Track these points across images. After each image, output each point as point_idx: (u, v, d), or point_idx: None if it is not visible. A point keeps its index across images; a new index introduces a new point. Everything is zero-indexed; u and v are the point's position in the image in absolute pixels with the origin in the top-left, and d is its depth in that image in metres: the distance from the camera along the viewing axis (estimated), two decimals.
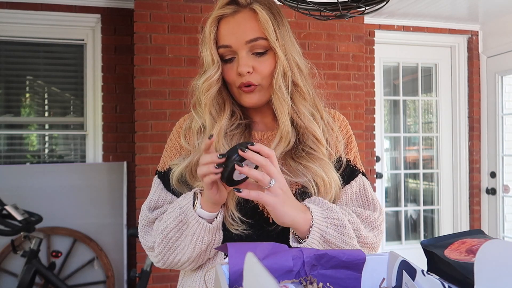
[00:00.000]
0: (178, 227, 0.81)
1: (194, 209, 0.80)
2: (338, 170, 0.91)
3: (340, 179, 0.90)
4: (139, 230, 0.91)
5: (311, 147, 0.88)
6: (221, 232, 0.84)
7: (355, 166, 0.96)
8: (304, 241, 0.77)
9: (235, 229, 0.83)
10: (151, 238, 0.87)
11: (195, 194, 0.82)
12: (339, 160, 0.93)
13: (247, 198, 0.74)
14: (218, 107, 0.89)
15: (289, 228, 0.84)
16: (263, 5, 0.87)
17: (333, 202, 0.88)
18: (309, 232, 0.77)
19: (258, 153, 0.73)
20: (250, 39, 0.85)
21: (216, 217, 0.81)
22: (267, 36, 0.85)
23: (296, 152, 0.88)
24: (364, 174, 0.96)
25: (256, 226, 0.85)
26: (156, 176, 0.95)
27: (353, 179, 0.93)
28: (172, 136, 0.97)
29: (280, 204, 0.74)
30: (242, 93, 0.88)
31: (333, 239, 0.79)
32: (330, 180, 0.86)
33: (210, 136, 0.75)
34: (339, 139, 0.94)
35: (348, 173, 0.94)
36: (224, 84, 0.91)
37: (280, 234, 0.85)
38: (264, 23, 0.84)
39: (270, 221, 0.86)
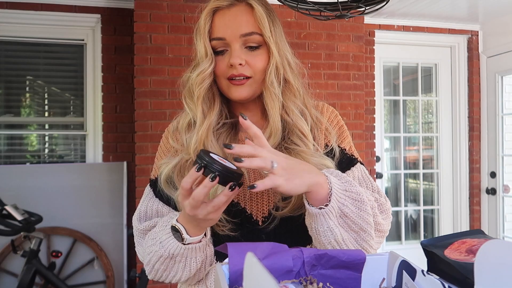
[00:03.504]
0: (164, 263, 0.80)
1: (183, 242, 0.76)
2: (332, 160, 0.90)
3: (332, 163, 0.87)
4: (134, 239, 0.91)
5: (294, 143, 0.87)
6: (211, 245, 0.83)
7: (352, 155, 0.94)
8: (323, 209, 0.72)
9: (221, 230, 0.83)
10: (142, 251, 0.87)
11: (176, 229, 0.76)
12: (331, 151, 0.91)
13: (262, 190, 0.68)
14: (208, 102, 0.88)
15: (279, 228, 0.84)
16: (260, 1, 0.88)
17: None
18: (328, 201, 0.73)
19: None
20: (245, 33, 0.84)
21: (205, 234, 0.79)
22: (262, 31, 0.85)
23: (276, 149, 0.84)
24: (362, 164, 0.94)
25: (244, 227, 0.85)
26: (149, 184, 0.94)
27: (353, 166, 0.91)
28: (162, 143, 0.97)
29: (289, 182, 0.69)
30: (231, 86, 0.86)
31: (351, 213, 0.75)
32: None
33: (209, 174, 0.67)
34: (329, 130, 0.93)
35: (345, 161, 0.92)
36: (215, 81, 0.89)
37: (271, 235, 0.85)
38: (260, 18, 0.85)
39: (260, 223, 0.85)
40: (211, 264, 0.85)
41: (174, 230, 0.76)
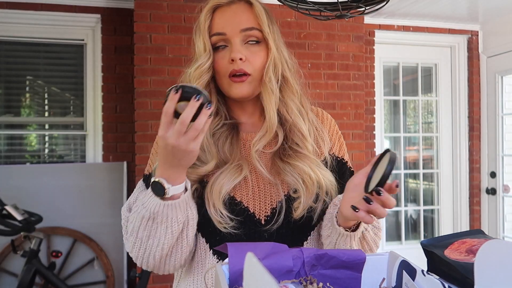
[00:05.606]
0: (147, 226, 0.79)
1: (165, 194, 0.76)
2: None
3: (332, 176, 0.90)
4: (123, 233, 0.89)
5: (297, 144, 0.89)
6: (193, 207, 0.82)
7: (352, 169, 0.98)
8: (353, 231, 0.80)
9: (224, 227, 0.82)
10: (129, 235, 0.86)
11: (156, 183, 0.76)
12: (339, 163, 0.95)
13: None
14: None
15: (281, 228, 0.85)
16: (258, 1, 0.91)
17: (326, 196, 0.88)
18: (355, 227, 0.81)
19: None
20: (245, 28, 0.87)
21: (186, 189, 0.80)
22: (262, 27, 0.87)
23: (284, 151, 0.89)
24: None
25: (246, 226, 0.84)
26: (142, 179, 0.94)
27: None
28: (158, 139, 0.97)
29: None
30: (232, 83, 0.88)
31: (369, 238, 0.85)
32: (318, 177, 0.86)
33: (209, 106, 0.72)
34: (327, 141, 0.95)
35: (349, 175, 0.96)
36: (213, 79, 0.90)
37: (273, 235, 0.85)
38: (259, 14, 0.87)
39: (263, 222, 0.85)
40: (193, 231, 0.83)
41: (155, 184, 0.76)
